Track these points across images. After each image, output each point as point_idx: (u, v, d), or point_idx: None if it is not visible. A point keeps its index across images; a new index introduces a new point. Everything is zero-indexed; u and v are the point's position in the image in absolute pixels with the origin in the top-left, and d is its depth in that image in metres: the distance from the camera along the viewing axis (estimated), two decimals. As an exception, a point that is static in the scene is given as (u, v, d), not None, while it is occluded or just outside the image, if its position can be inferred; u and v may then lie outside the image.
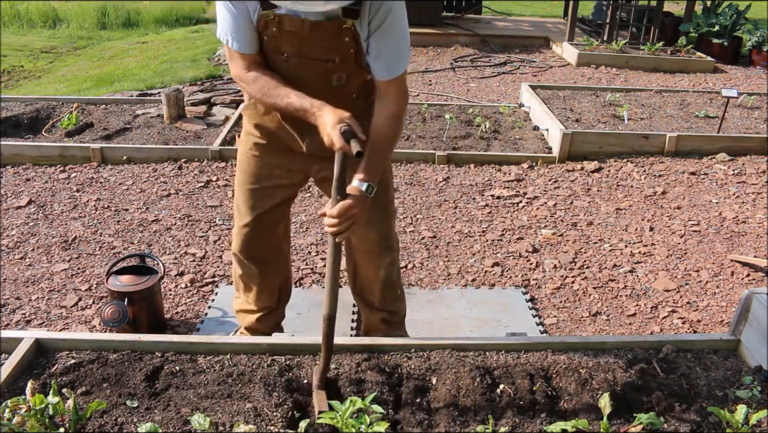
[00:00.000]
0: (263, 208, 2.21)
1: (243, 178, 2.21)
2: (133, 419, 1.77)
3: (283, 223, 2.33)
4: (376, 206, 2.15)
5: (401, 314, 2.53)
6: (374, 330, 2.50)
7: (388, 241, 2.29)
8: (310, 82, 1.92)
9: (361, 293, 2.47)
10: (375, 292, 2.40)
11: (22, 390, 1.76)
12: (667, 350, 2.15)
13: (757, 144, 4.96)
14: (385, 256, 2.31)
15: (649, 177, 4.56)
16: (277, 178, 2.18)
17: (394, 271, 2.37)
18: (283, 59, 1.91)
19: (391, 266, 2.34)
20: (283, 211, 2.29)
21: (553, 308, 3.13)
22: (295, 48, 1.87)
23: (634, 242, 3.73)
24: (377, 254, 2.30)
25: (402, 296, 2.52)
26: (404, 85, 1.95)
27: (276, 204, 2.23)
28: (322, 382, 1.86)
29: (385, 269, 2.33)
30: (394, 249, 2.34)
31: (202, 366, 2.00)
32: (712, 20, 8.49)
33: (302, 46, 1.86)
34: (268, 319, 2.48)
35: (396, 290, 2.45)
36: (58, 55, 8.90)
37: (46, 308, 3.00)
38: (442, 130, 5.11)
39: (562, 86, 6.23)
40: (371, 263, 2.34)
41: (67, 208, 3.89)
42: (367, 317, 2.53)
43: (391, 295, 2.43)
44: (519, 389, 1.91)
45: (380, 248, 2.28)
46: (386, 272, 2.34)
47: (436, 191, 4.26)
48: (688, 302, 3.19)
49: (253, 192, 2.20)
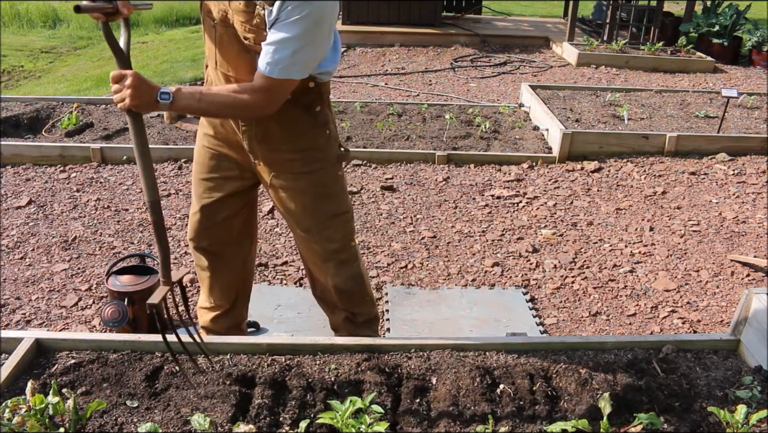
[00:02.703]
0: (210, 198, 2.21)
1: (194, 167, 2.25)
2: (133, 419, 1.77)
3: (238, 219, 2.29)
4: (317, 216, 2.14)
5: (368, 316, 2.45)
6: (340, 330, 2.46)
7: (330, 252, 2.23)
8: (233, 56, 1.89)
9: (321, 294, 2.45)
10: (333, 295, 2.36)
11: (22, 390, 1.76)
12: (667, 350, 2.15)
13: (757, 144, 4.96)
14: (328, 265, 2.26)
15: (649, 177, 4.56)
16: (225, 170, 2.17)
17: (345, 280, 2.29)
18: (211, 25, 1.89)
19: (339, 274, 2.27)
20: (234, 206, 2.24)
21: (553, 308, 3.13)
22: (219, 14, 1.85)
23: (634, 242, 3.73)
24: (322, 263, 2.26)
25: (369, 300, 2.44)
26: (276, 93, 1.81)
27: (223, 196, 2.21)
28: (167, 277, 1.84)
29: (332, 277, 2.28)
30: (341, 260, 2.26)
31: (202, 366, 2.00)
32: (712, 20, 8.49)
33: (225, 14, 1.84)
34: (224, 319, 2.47)
35: (360, 296, 2.38)
36: (58, 55, 8.90)
37: (46, 308, 3.00)
38: (442, 130, 5.11)
39: (562, 86, 6.23)
40: (319, 271, 2.31)
41: (67, 208, 3.89)
42: (331, 317, 2.50)
43: (351, 299, 2.37)
44: (519, 389, 1.91)
45: (323, 258, 2.24)
46: (335, 280, 2.28)
47: (436, 191, 4.26)
48: (688, 302, 3.19)
49: (201, 181, 2.22)
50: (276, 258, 3.44)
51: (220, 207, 2.23)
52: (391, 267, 3.40)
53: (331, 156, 2.13)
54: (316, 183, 2.12)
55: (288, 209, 2.17)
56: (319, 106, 2.02)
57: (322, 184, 2.13)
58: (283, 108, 1.91)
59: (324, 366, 2.01)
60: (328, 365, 2.01)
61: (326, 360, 2.04)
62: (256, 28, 1.78)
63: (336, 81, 6.87)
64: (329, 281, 2.31)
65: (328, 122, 2.09)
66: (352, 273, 2.30)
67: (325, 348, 2.09)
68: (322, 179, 2.13)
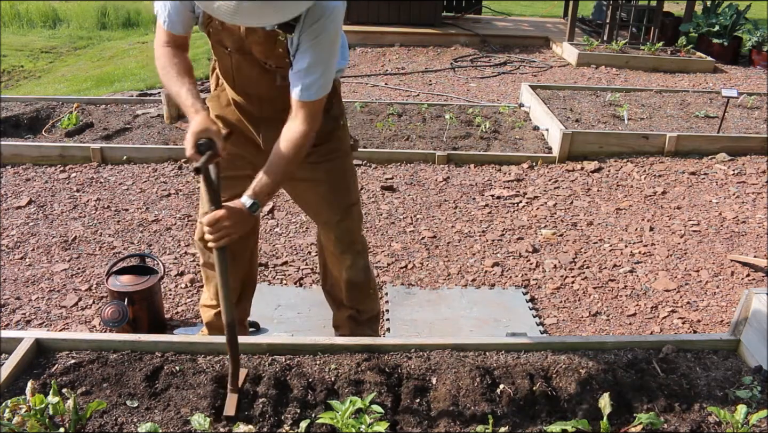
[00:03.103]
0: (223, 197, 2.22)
1: None
2: (133, 419, 1.77)
3: None
4: (334, 208, 2.22)
5: (371, 313, 2.53)
6: (341, 327, 2.54)
7: (348, 243, 2.32)
8: (254, 78, 1.94)
9: (330, 289, 2.53)
10: (342, 289, 2.44)
11: (22, 390, 1.76)
12: (667, 350, 2.15)
13: (757, 144, 4.96)
14: (346, 257, 2.34)
15: (649, 177, 4.55)
16: (239, 169, 2.18)
17: (357, 272, 2.39)
18: (226, 53, 1.93)
19: (352, 267, 2.36)
20: None
21: (553, 308, 3.13)
22: (235, 45, 1.89)
23: (634, 242, 3.73)
24: (338, 255, 2.35)
25: (374, 295, 2.53)
26: (317, 112, 1.87)
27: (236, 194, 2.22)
28: (234, 386, 1.86)
29: (346, 270, 2.36)
30: (357, 251, 2.35)
31: (202, 366, 2.00)
32: (712, 20, 8.49)
33: (241, 44, 1.87)
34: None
35: (366, 290, 2.46)
36: (58, 55, 8.90)
37: (46, 308, 3.00)
38: (442, 130, 5.11)
39: (562, 86, 6.23)
40: (335, 262, 2.39)
41: (67, 208, 3.89)
42: (335, 313, 2.58)
43: (359, 294, 2.45)
44: (519, 389, 1.91)
45: (339, 250, 2.32)
46: (348, 273, 2.37)
47: (436, 191, 4.26)
48: (688, 302, 3.19)
49: None
50: (276, 258, 3.44)
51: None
52: (391, 267, 3.40)
53: (346, 147, 2.22)
54: (333, 172, 2.19)
55: (307, 202, 2.25)
56: (333, 101, 2.08)
57: (339, 174, 2.21)
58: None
59: (324, 366, 2.01)
60: (328, 365, 2.02)
61: (326, 360, 2.04)
62: (278, 55, 1.83)
63: (336, 81, 6.87)
64: (343, 274, 2.38)
65: (341, 115, 2.18)
66: (363, 265, 2.40)
67: (325, 348, 2.09)
68: (339, 169, 2.20)
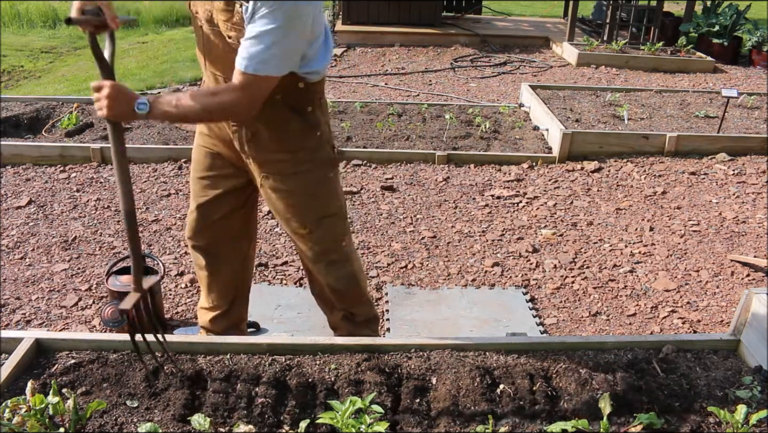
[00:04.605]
0: (206, 196, 2.23)
1: (191, 166, 2.28)
2: (133, 419, 1.77)
3: (235, 218, 2.29)
4: (305, 217, 2.15)
5: (366, 317, 2.48)
6: (339, 329, 2.48)
7: (318, 252, 2.24)
8: (220, 56, 1.89)
9: (319, 293, 2.47)
10: (329, 294, 2.39)
11: (22, 390, 1.76)
12: (667, 350, 2.14)
13: (757, 144, 4.96)
14: (318, 266, 2.28)
15: (649, 177, 4.56)
16: (220, 168, 2.18)
17: (337, 280, 2.31)
18: (199, 25, 1.91)
19: (328, 275, 2.29)
20: (230, 204, 2.25)
21: (553, 308, 3.13)
22: (205, 14, 1.86)
23: (634, 242, 3.73)
24: (312, 263, 2.30)
25: (366, 301, 2.46)
26: (255, 91, 1.77)
27: (219, 194, 2.22)
28: (137, 283, 1.86)
29: (324, 277, 2.31)
30: (331, 261, 2.27)
31: (202, 366, 2.00)
32: (712, 20, 8.49)
33: (210, 15, 1.85)
34: (223, 320, 2.48)
35: (354, 297, 2.40)
36: (58, 55, 8.90)
37: (46, 308, 3.00)
38: (442, 130, 5.11)
39: (562, 86, 6.23)
40: (314, 270, 2.34)
41: (67, 208, 3.89)
42: (329, 317, 2.53)
43: (347, 298, 2.39)
44: (519, 389, 1.91)
45: (309, 258, 2.27)
46: (327, 280, 2.31)
47: (436, 191, 4.26)
48: (688, 302, 3.19)
49: (198, 180, 2.24)
50: (276, 258, 3.44)
51: (216, 205, 2.24)
52: (391, 267, 3.40)
53: (321, 158, 2.11)
54: (305, 184, 2.12)
55: (277, 210, 2.19)
56: (310, 108, 2.00)
57: (311, 186, 2.13)
58: (272, 109, 1.91)
59: (324, 366, 2.01)
60: (328, 365, 2.01)
61: (326, 360, 2.04)
62: (238, 26, 1.78)
63: (336, 81, 6.87)
64: (323, 280, 2.33)
65: (320, 124, 2.06)
66: (344, 274, 2.31)
67: (325, 348, 2.09)
68: (311, 181, 2.12)
